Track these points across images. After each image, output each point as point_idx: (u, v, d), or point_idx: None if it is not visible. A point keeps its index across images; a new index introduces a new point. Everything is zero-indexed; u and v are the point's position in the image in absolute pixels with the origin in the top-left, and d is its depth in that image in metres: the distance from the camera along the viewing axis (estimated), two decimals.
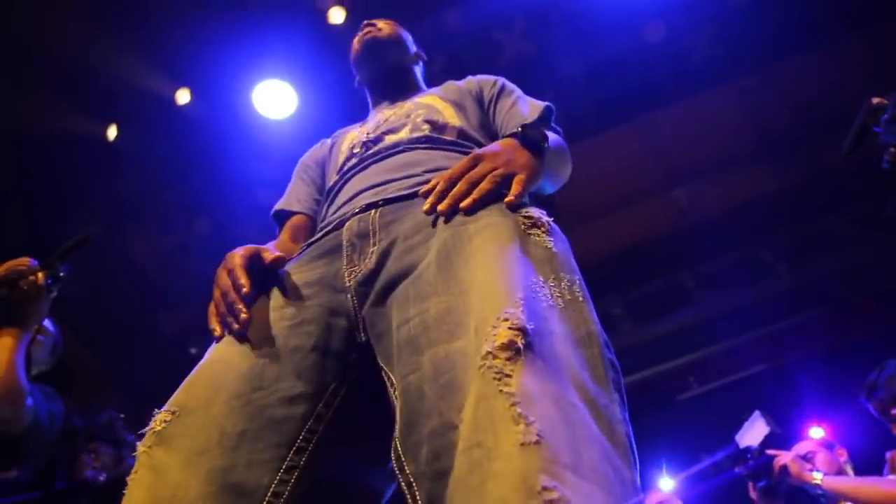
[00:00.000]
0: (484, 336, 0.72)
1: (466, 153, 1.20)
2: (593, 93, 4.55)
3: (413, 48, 1.68)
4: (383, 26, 1.62)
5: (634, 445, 0.75)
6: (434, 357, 0.78)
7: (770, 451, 2.37)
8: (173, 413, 0.87)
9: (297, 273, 1.04)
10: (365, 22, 1.64)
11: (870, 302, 4.73)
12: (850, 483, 2.22)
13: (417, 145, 1.23)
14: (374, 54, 1.59)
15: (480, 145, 1.26)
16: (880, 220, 3.79)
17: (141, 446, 0.85)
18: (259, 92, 3.80)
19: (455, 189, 0.96)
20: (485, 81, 1.46)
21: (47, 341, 2.11)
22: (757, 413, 2.59)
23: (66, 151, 3.83)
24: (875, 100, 1.61)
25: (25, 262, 1.85)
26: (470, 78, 1.49)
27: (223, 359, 0.93)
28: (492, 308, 0.75)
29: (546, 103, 1.35)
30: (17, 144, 3.66)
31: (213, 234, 4.54)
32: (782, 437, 2.60)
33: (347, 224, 1.07)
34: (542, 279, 0.84)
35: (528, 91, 1.43)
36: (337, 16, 3.83)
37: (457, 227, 0.92)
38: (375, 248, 1.00)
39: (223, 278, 1.02)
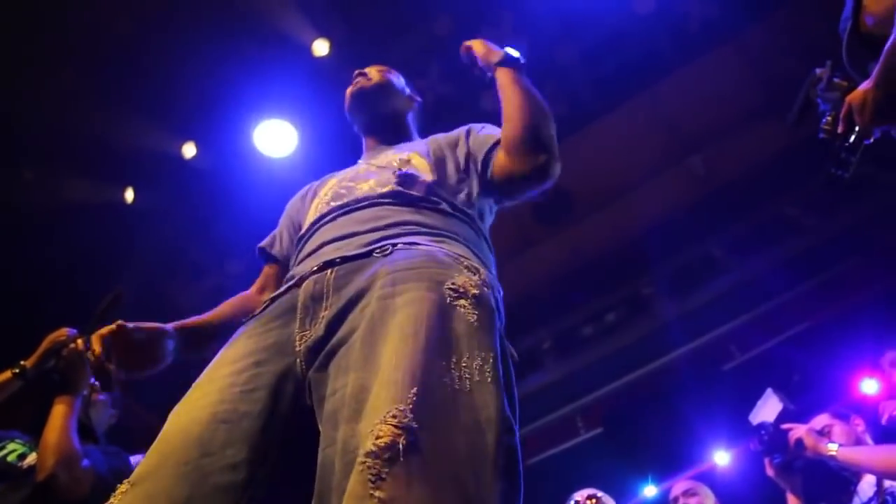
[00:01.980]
0: (371, 428, 0.76)
1: (433, 209, 1.24)
2: (592, 75, 4.51)
3: (405, 92, 1.70)
4: (373, 75, 1.65)
5: None
6: (344, 434, 0.81)
7: (785, 425, 2.33)
8: (131, 484, 0.90)
9: (255, 334, 1.08)
10: (356, 72, 1.67)
11: None
12: (865, 453, 2.14)
13: (383, 200, 1.25)
14: (362, 105, 1.63)
15: (449, 202, 1.29)
16: None
17: None
18: (259, 133, 3.88)
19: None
20: (458, 131, 1.51)
21: (106, 398, 2.18)
22: (769, 391, 2.56)
23: (91, 220, 3.97)
24: (819, 70, 1.59)
25: (64, 332, 1.94)
26: (456, 130, 1.53)
27: (177, 426, 0.97)
28: (385, 400, 0.78)
29: None
30: (45, 221, 3.81)
31: (247, 272, 4.64)
32: (797, 412, 2.54)
33: (304, 285, 1.10)
34: (454, 359, 0.86)
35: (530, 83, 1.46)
36: (321, 48, 3.89)
37: (385, 300, 0.95)
38: (326, 312, 1.03)
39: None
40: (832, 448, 2.15)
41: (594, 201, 5.00)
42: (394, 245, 1.09)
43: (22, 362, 1.91)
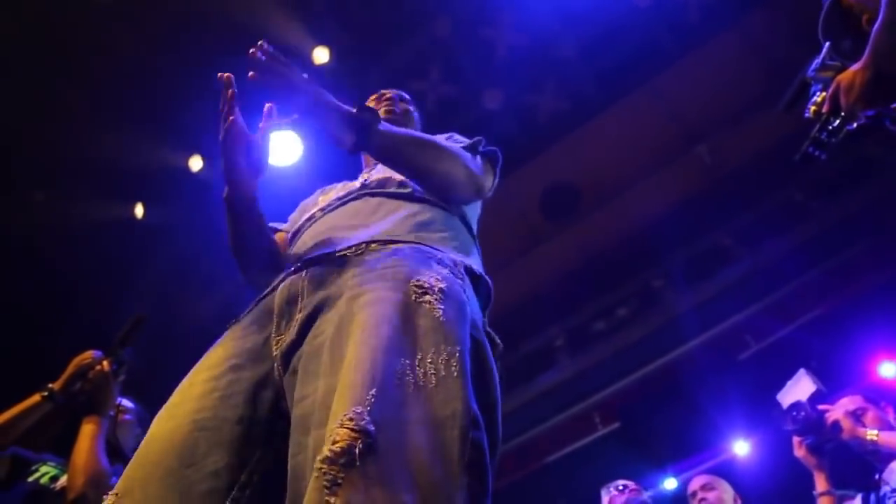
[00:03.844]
0: (329, 433, 0.76)
1: (410, 197, 1.27)
2: (594, 69, 4.50)
3: (419, 125, 1.70)
4: (401, 106, 1.67)
5: None
6: (314, 441, 0.81)
7: (821, 406, 2.31)
8: (116, 495, 0.91)
9: (234, 339, 1.09)
10: (383, 95, 1.68)
11: None
12: None
13: (363, 193, 1.30)
14: None
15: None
16: None
17: None
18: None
19: None
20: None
21: (132, 417, 2.21)
22: (802, 371, 2.51)
23: (102, 237, 4.00)
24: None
25: (89, 354, 1.96)
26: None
27: (160, 435, 0.98)
28: (343, 403, 0.78)
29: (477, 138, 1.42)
30: (57, 240, 3.84)
31: None
32: (829, 394, 2.51)
33: (280, 288, 1.10)
34: (418, 356, 0.86)
35: (529, 80, 1.45)
36: (321, 56, 3.91)
37: (350, 303, 0.95)
38: (299, 315, 1.03)
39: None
40: (872, 433, 2.14)
41: (601, 195, 4.99)
42: (367, 244, 1.09)
43: (50, 385, 1.93)
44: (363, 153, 1.37)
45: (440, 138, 1.36)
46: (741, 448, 4.35)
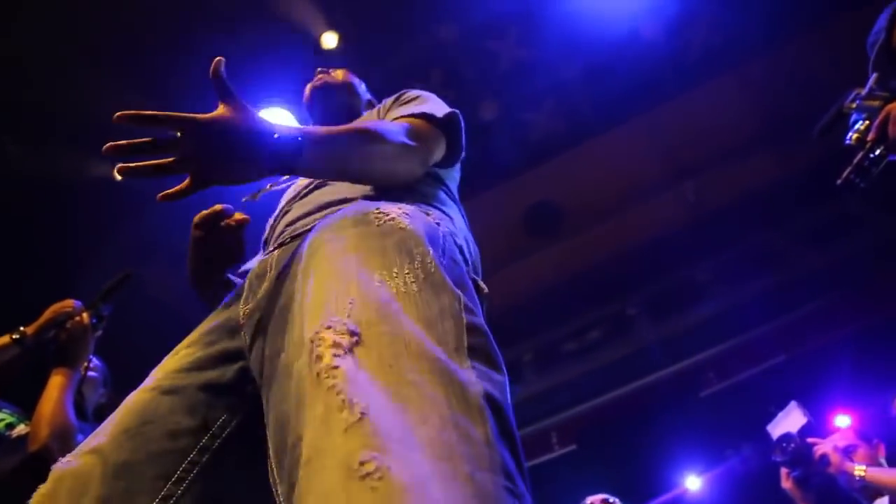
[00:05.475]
0: (312, 347, 0.70)
1: None
2: (592, 94, 4.54)
3: (365, 97, 1.70)
4: (336, 73, 1.67)
5: (500, 403, 0.70)
6: (295, 378, 0.75)
7: (811, 440, 2.33)
8: (74, 455, 0.93)
9: (208, 320, 1.11)
10: (319, 69, 1.69)
11: (892, 282, 4.65)
12: (894, 476, 2.17)
13: (322, 183, 1.26)
14: (322, 98, 1.64)
15: None
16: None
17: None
18: None
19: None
20: (394, 97, 1.45)
21: (98, 375, 2.15)
22: (793, 403, 2.53)
23: (80, 196, 3.90)
24: (858, 89, 1.62)
25: (70, 304, 1.89)
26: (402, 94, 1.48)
27: (125, 404, 1.00)
28: (319, 321, 0.73)
29: (452, 110, 1.31)
30: (33, 195, 3.73)
31: None
32: (816, 427, 2.54)
33: (252, 269, 1.12)
34: (394, 269, 0.81)
35: (527, 97, 1.42)
36: (329, 40, 3.90)
37: (314, 248, 0.92)
38: (266, 285, 1.03)
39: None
40: (860, 469, 2.15)
41: (585, 217, 5.03)
42: (324, 211, 1.11)
43: (21, 328, 1.86)
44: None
45: (371, 124, 1.20)
46: (693, 483, 4.40)
